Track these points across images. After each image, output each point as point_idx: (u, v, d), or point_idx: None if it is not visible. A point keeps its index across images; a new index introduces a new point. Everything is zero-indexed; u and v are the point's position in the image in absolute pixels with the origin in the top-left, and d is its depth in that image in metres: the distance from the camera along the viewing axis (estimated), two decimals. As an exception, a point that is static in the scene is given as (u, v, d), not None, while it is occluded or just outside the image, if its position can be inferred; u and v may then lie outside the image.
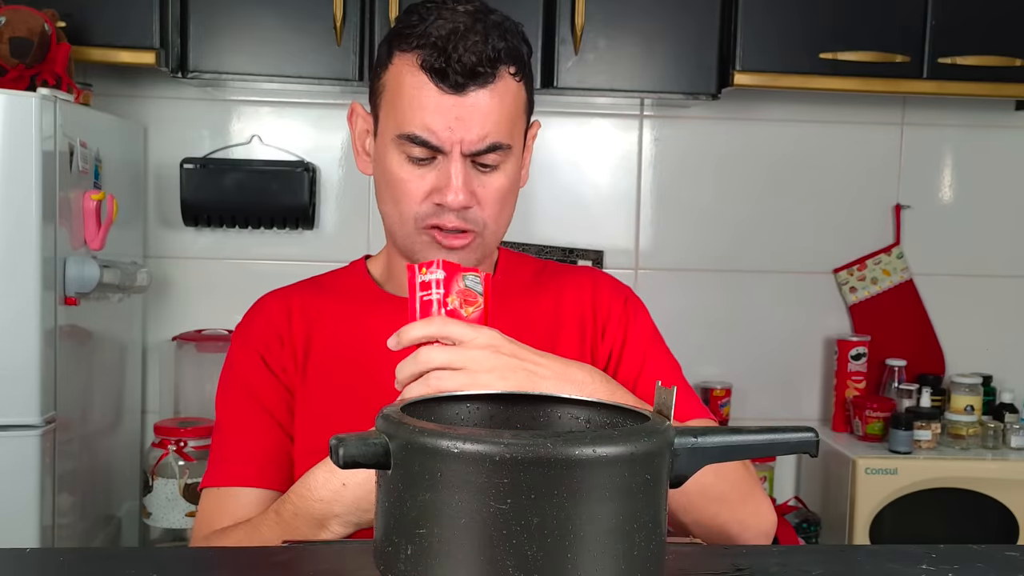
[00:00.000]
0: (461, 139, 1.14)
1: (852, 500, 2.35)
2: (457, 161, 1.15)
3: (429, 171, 1.16)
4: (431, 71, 1.12)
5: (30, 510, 1.80)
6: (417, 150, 1.15)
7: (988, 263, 2.74)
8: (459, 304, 1.02)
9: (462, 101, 1.13)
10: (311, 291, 1.32)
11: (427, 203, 1.17)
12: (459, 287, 1.03)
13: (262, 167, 2.47)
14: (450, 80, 1.12)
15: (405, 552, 0.72)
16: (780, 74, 2.31)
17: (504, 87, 1.16)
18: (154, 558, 0.88)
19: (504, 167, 1.19)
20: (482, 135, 1.14)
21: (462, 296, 1.03)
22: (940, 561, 0.85)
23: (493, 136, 1.15)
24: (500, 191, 1.19)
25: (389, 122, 1.18)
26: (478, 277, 1.04)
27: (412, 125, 1.14)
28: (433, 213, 1.17)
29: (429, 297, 1.02)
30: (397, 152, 1.17)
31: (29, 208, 1.78)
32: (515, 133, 1.19)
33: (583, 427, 0.88)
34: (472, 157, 1.16)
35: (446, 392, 0.93)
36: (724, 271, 2.69)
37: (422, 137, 1.14)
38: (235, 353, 1.28)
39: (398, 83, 1.16)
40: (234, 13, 2.21)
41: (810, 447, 0.84)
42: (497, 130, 1.15)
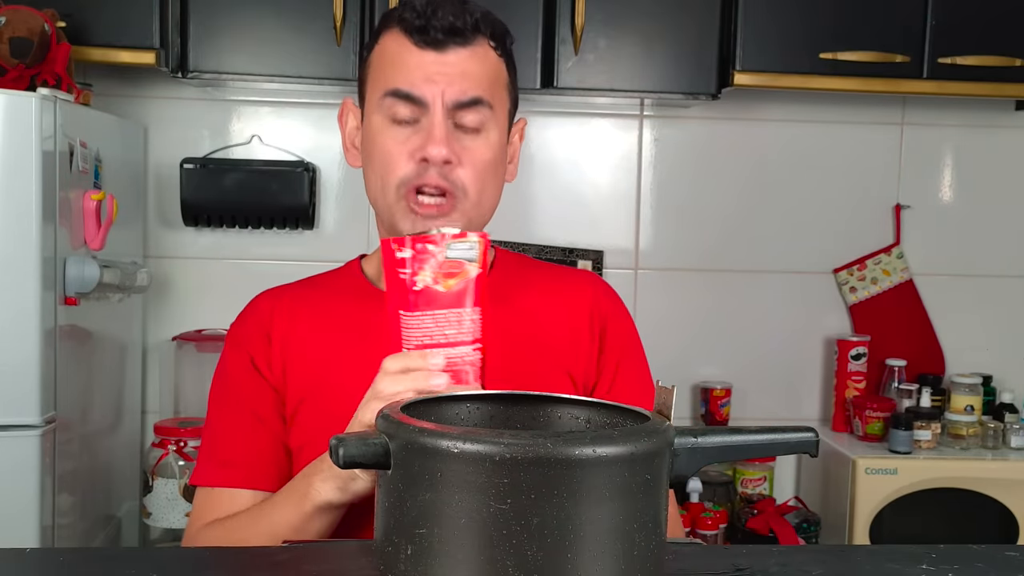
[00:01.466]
0: (443, 91, 1.16)
1: (852, 500, 2.35)
2: (439, 113, 1.16)
3: (413, 133, 1.18)
4: (411, 31, 1.16)
5: (30, 510, 1.80)
6: (400, 107, 1.17)
7: (988, 263, 2.74)
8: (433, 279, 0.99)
9: (442, 58, 1.16)
10: (303, 289, 1.33)
11: (411, 164, 1.17)
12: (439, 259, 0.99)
13: (262, 167, 2.47)
14: (430, 36, 1.16)
15: (405, 552, 0.72)
16: (780, 74, 2.31)
17: (484, 53, 1.19)
18: (154, 558, 0.88)
19: (487, 134, 1.19)
20: (463, 88, 1.16)
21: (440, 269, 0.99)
22: (940, 561, 0.85)
23: (474, 90, 1.17)
24: (483, 159, 1.19)
25: (375, 90, 1.20)
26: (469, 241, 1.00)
27: (394, 81, 1.17)
28: (416, 174, 1.17)
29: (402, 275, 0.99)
30: (382, 116, 1.19)
31: (29, 208, 1.78)
32: (496, 99, 1.20)
33: (583, 427, 0.88)
34: (455, 114, 1.17)
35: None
36: (724, 271, 2.69)
37: (404, 90, 1.16)
38: (226, 353, 1.29)
39: (382, 54, 1.20)
40: (234, 13, 2.21)
41: (810, 447, 0.84)
42: (478, 86, 1.17)
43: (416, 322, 0.99)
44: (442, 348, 0.98)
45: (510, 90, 1.24)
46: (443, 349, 0.98)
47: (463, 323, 0.99)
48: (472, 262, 1.00)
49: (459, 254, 0.99)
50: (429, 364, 0.99)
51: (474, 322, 1.00)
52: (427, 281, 0.99)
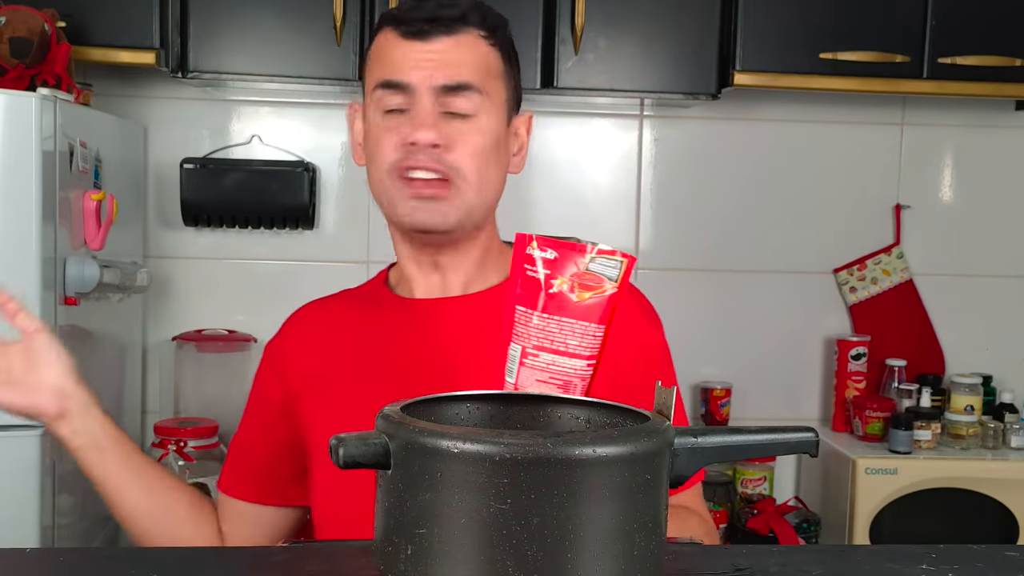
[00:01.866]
0: (429, 75, 1.17)
1: (852, 500, 2.35)
2: (425, 97, 1.17)
3: (403, 121, 1.18)
4: (398, 24, 1.19)
5: (30, 510, 1.80)
6: (390, 97, 1.18)
7: (988, 263, 2.74)
8: (569, 288, 0.96)
9: (427, 46, 1.18)
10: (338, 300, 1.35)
11: (400, 149, 1.18)
12: (579, 268, 0.96)
13: (262, 167, 2.47)
14: (415, 27, 1.17)
15: (405, 552, 0.72)
16: (780, 74, 2.31)
17: (472, 42, 1.19)
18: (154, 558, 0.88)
19: (479, 119, 1.19)
20: (449, 73, 1.17)
21: (579, 279, 0.96)
22: (940, 561, 0.85)
23: (461, 76, 1.17)
24: (476, 144, 1.19)
25: (369, 87, 1.22)
26: (615, 260, 0.98)
27: (383, 72, 1.19)
28: (404, 156, 1.18)
29: (533, 273, 0.97)
30: (375, 111, 1.21)
31: (29, 208, 1.78)
32: (488, 86, 1.20)
33: (583, 427, 0.88)
34: (442, 98, 1.17)
35: None
36: (724, 271, 2.69)
37: (391, 79, 1.18)
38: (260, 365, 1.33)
39: (375, 51, 1.22)
40: (234, 13, 2.21)
41: (810, 447, 0.84)
42: (465, 72, 1.18)
43: (542, 323, 0.97)
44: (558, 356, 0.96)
45: (507, 80, 1.23)
46: (559, 357, 0.96)
47: (586, 337, 0.96)
48: (612, 281, 0.97)
49: (601, 270, 0.97)
50: None
51: (596, 339, 0.97)
52: (563, 287, 0.97)
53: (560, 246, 0.97)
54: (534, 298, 0.96)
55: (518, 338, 0.98)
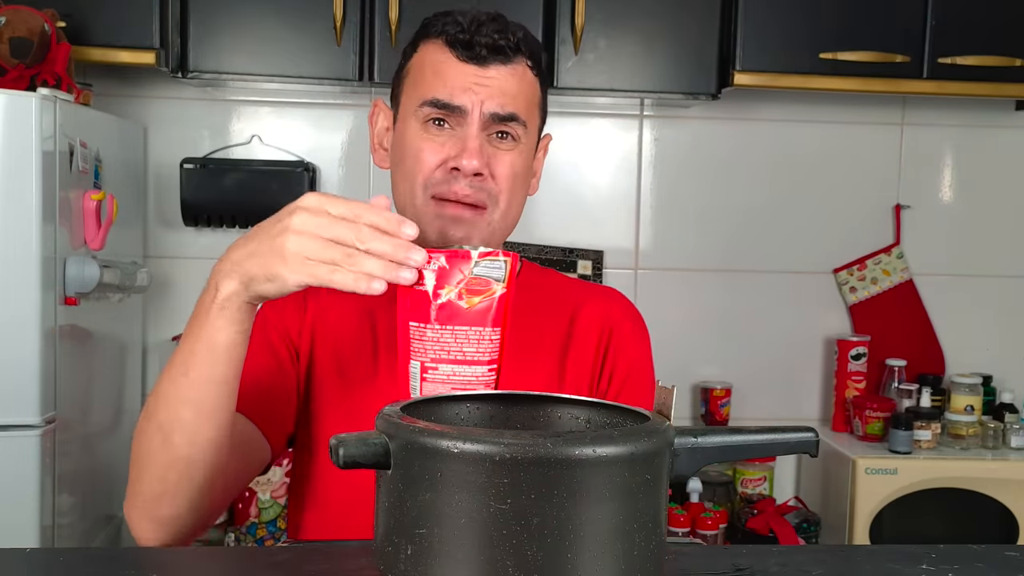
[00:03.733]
0: (482, 102, 1.17)
1: (852, 500, 2.35)
2: (475, 125, 1.17)
3: (446, 139, 1.18)
4: (455, 44, 1.17)
5: (30, 510, 1.80)
6: (437, 113, 1.18)
7: (988, 263, 2.74)
8: (458, 295, 0.97)
9: (483, 72, 1.17)
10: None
11: (441, 170, 1.18)
12: (465, 275, 0.97)
13: (262, 167, 2.47)
14: (474, 51, 1.17)
15: (405, 552, 0.72)
16: (780, 74, 2.31)
17: (522, 72, 1.20)
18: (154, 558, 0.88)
19: (518, 148, 1.20)
20: (502, 102, 1.18)
21: (466, 285, 0.97)
22: (940, 561, 0.85)
23: (512, 106, 1.18)
24: (512, 172, 1.20)
25: (411, 98, 1.21)
26: (499, 261, 0.98)
27: (434, 91, 1.18)
28: (444, 180, 1.17)
29: (420, 287, 0.97)
30: (417, 121, 1.19)
31: (29, 208, 1.78)
32: (531, 119, 1.22)
33: (583, 427, 0.88)
34: (490, 126, 1.18)
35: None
36: (724, 271, 2.69)
37: (443, 100, 1.17)
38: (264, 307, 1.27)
39: (421, 64, 1.21)
40: (234, 13, 2.21)
41: (810, 447, 0.84)
42: (516, 103, 1.19)
43: (435, 335, 0.97)
44: (457, 365, 0.97)
45: (541, 108, 1.26)
46: (458, 366, 0.97)
47: (482, 342, 0.98)
48: (499, 282, 0.98)
49: (487, 272, 0.97)
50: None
51: (493, 342, 0.98)
52: (452, 296, 0.97)
53: (445, 254, 0.97)
54: (425, 311, 0.97)
55: (415, 354, 0.98)
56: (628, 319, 1.33)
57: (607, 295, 1.35)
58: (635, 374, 1.30)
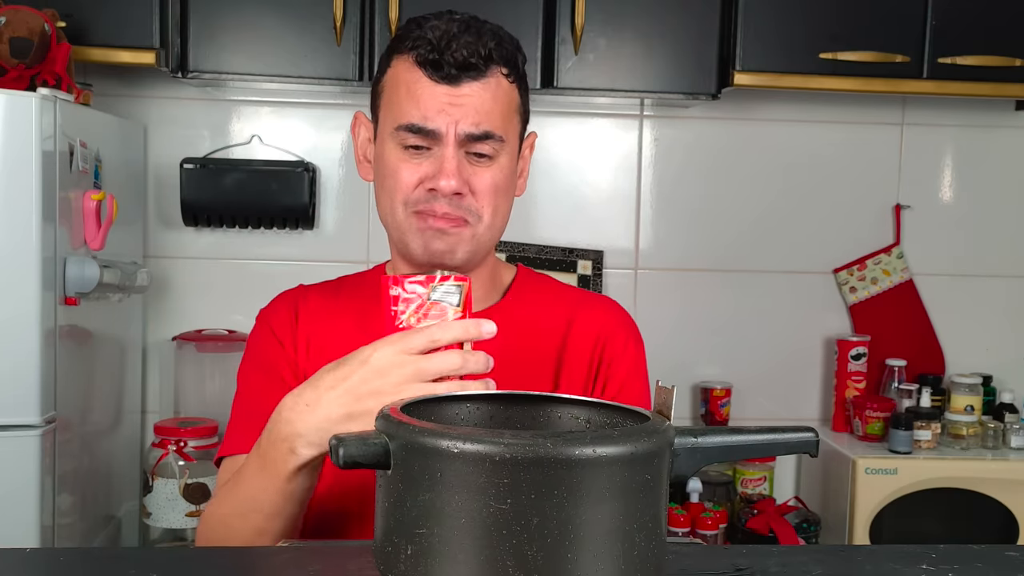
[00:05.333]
0: (456, 122, 1.16)
1: (852, 500, 2.35)
2: (451, 146, 1.17)
3: (424, 160, 1.18)
4: (425, 64, 1.17)
5: (30, 510, 1.80)
6: (412, 138, 1.18)
7: (988, 263, 2.74)
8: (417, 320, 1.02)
9: (456, 91, 1.17)
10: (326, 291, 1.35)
11: (419, 190, 1.19)
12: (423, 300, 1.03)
13: (262, 167, 2.47)
14: (444, 71, 1.16)
15: (405, 552, 0.72)
16: (780, 74, 2.31)
17: (496, 84, 1.19)
18: (154, 558, 0.88)
19: (498, 161, 1.20)
20: (476, 121, 1.17)
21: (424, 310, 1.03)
22: (940, 561, 0.85)
23: (487, 124, 1.18)
24: (494, 184, 1.20)
25: (387, 119, 1.21)
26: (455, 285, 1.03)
27: (408, 115, 1.17)
28: (424, 199, 1.18)
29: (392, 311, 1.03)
30: (394, 144, 1.20)
31: (29, 208, 1.78)
32: (509, 130, 1.21)
33: (583, 427, 0.88)
34: (466, 145, 1.18)
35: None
36: (724, 271, 2.69)
37: (417, 124, 1.17)
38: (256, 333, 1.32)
39: (395, 82, 1.20)
40: (234, 13, 2.21)
41: (810, 447, 0.84)
42: (490, 120, 1.18)
43: None
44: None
45: (521, 112, 1.25)
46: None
47: None
48: (454, 306, 1.03)
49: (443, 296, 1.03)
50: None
51: None
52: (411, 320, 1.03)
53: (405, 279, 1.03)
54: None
55: None
56: (622, 330, 1.32)
57: (603, 305, 1.35)
58: (628, 385, 1.30)
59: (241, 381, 1.31)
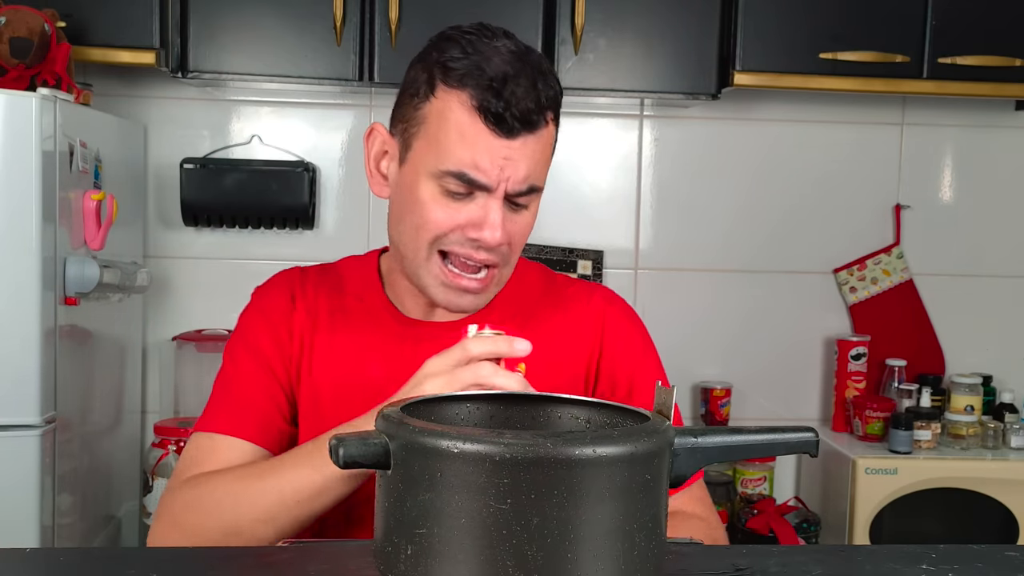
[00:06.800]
0: (508, 178, 1.14)
1: (852, 500, 2.35)
2: (498, 200, 1.15)
3: (464, 206, 1.16)
4: (487, 114, 1.12)
5: (30, 510, 1.80)
6: (459, 186, 1.14)
7: (988, 263, 2.74)
8: None
9: (511, 144, 1.14)
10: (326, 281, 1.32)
11: (456, 234, 1.16)
12: None
13: (262, 167, 2.47)
14: (507, 125, 1.12)
15: (405, 552, 0.72)
16: (780, 74, 2.31)
17: (547, 133, 1.19)
18: (154, 558, 0.88)
19: (532, 206, 1.21)
20: (526, 176, 1.16)
21: None
22: (940, 561, 0.85)
23: (533, 179, 1.17)
24: (526, 228, 1.21)
25: (429, 156, 1.15)
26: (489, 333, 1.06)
27: (462, 164, 1.13)
28: (459, 243, 1.17)
29: None
30: (435, 185, 1.15)
31: (29, 208, 1.78)
32: (545, 175, 1.22)
33: (583, 427, 0.88)
34: (511, 198, 1.17)
35: None
36: (724, 271, 2.69)
37: (470, 175, 1.13)
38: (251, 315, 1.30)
39: (445, 119, 1.14)
40: (234, 13, 2.21)
41: (810, 447, 0.84)
42: (537, 173, 1.18)
43: None
44: None
45: (553, 150, 1.24)
46: None
47: None
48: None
49: None
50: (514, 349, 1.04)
51: None
52: None
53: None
54: None
55: None
56: (622, 320, 1.32)
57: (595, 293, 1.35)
58: (639, 376, 1.30)
59: (228, 359, 1.27)
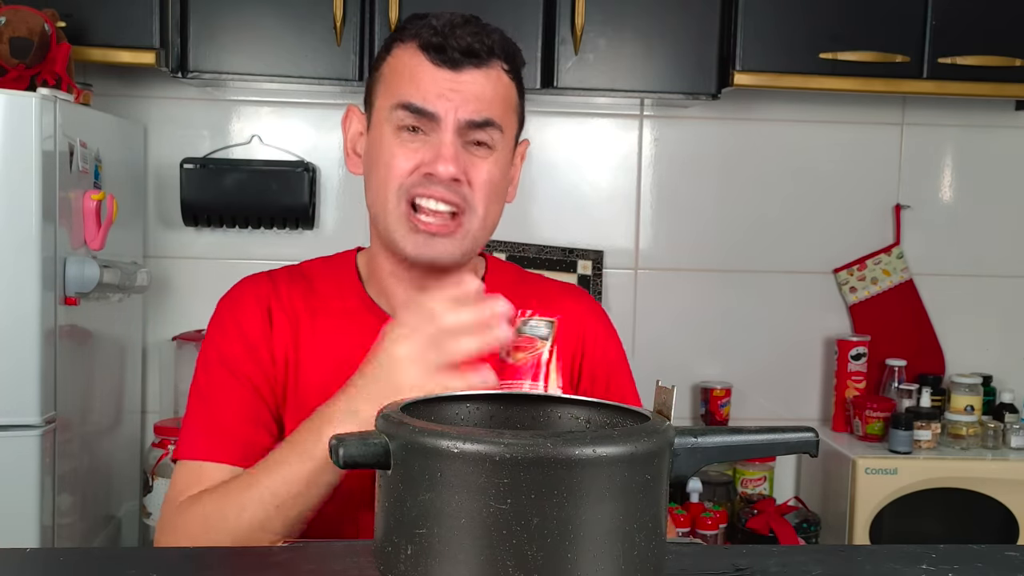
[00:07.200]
0: (456, 108, 1.16)
1: (852, 500, 2.35)
2: (450, 131, 1.16)
3: (421, 145, 1.17)
4: (428, 48, 1.16)
5: (30, 510, 1.80)
6: (410, 118, 1.16)
7: (988, 263, 2.74)
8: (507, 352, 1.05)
9: (457, 76, 1.16)
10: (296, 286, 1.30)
11: (415, 175, 1.17)
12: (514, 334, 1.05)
13: (262, 167, 2.47)
14: (447, 55, 1.15)
15: (405, 552, 0.72)
16: (780, 74, 2.31)
17: (497, 75, 1.19)
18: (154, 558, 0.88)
19: (494, 155, 1.19)
20: (477, 108, 1.16)
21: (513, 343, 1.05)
22: (940, 561, 0.85)
23: (487, 111, 1.17)
24: (490, 178, 1.19)
25: (385, 101, 1.19)
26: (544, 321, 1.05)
27: (408, 95, 1.16)
28: (420, 183, 1.17)
29: None
30: (390, 126, 1.18)
31: (29, 208, 1.78)
32: (506, 122, 1.20)
33: (583, 427, 0.88)
34: (465, 133, 1.17)
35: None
36: (724, 271, 2.69)
37: (417, 104, 1.16)
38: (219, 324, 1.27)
39: (395, 67, 1.19)
40: (234, 13, 2.21)
41: (810, 447, 0.84)
42: (491, 108, 1.18)
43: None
44: None
45: (518, 113, 1.24)
46: None
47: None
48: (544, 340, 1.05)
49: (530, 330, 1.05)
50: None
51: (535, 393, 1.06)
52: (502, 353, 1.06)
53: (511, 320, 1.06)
54: None
55: None
56: (600, 321, 1.33)
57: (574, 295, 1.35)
58: (615, 374, 1.31)
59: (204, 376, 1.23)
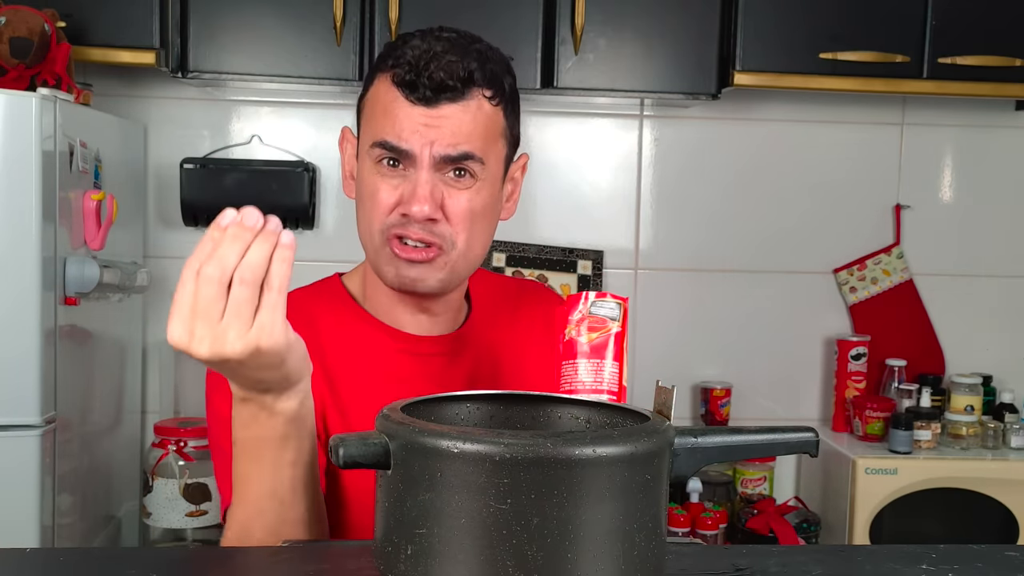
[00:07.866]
0: (432, 143, 1.13)
1: (852, 500, 2.35)
2: (425, 169, 1.14)
3: (400, 182, 1.15)
4: (401, 85, 1.13)
5: (30, 510, 1.80)
6: (386, 155, 1.15)
7: (988, 263, 2.74)
8: (577, 332, 1.05)
9: (431, 112, 1.13)
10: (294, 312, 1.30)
11: (394, 214, 1.16)
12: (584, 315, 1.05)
13: (262, 167, 2.47)
14: (419, 92, 1.13)
15: (405, 552, 0.72)
16: (780, 74, 2.31)
17: (477, 106, 1.15)
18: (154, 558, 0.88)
19: (477, 184, 1.17)
20: (453, 142, 1.14)
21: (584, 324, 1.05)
22: (940, 561, 0.85)
23: (464, 145, 1.14)
24: (471, 210, 1.17)
25: (366, 137, 1.18)
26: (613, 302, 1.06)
27: (383, 132, 1.15)
28: (398, 223, 1.16)
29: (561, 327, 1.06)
30: (371, 161, 1.17)
31: (29, 208, 1.78)
32: (489, 153, 1.17)
33: (583, 427, 0.88)
34: (443, 167, 1.15)
35: None
36: (724, 271, 2.69)
37: (390, 142, 1.14)
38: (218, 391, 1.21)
39: (375, 100, 1.18)
40: (234, 13, 2.21)
41: (810, 447, 0.84)
42: (469, 141, 1.15)
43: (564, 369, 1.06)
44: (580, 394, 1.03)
45: (507, 135, 1.21)
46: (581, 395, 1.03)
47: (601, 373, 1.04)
48: (614, 320, 1.06)
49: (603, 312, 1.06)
50: None
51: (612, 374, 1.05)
52: (573, 334, 1.05)
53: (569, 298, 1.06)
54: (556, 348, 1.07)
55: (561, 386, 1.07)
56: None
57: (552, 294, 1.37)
58: None
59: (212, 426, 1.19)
